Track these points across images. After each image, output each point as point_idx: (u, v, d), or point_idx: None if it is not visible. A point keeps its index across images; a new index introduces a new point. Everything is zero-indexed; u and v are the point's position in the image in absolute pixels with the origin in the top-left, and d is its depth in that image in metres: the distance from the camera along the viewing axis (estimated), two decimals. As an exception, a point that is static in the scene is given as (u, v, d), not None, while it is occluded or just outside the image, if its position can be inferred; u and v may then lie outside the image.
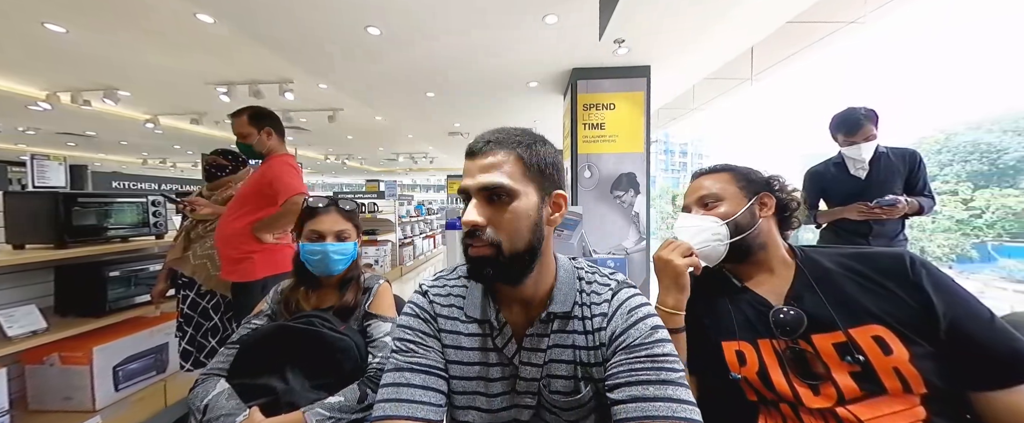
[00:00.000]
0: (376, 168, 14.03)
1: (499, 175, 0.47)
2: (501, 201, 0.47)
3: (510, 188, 0.47)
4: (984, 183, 5.54)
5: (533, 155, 0.49)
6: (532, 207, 0.48)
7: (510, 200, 0.47)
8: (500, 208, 0.47)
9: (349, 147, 9.17)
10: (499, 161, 0.48)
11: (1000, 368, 0.48)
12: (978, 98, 7.18)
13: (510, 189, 0.47)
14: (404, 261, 5.29)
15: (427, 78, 3.44)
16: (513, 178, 0.47)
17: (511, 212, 0.47)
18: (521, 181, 0.48)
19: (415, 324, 0.55)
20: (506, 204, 0.47)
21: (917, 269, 0.54)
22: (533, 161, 0.48)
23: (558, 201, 0.52)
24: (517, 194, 0.47)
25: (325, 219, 0.90)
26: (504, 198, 0.47)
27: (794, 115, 17.95)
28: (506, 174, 0.47)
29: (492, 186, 0.47)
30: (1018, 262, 4.88)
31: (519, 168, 0.48)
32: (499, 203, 0.47)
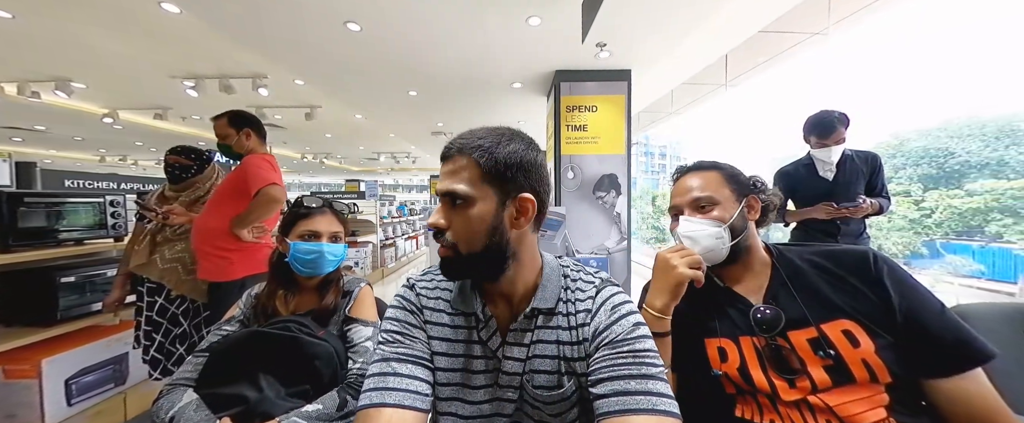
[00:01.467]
0: (356, 167, 13.67)
1: (456, 181, 0.49)
2: (458, 206, 0.49)
3: (465, 194, 0.48)
4: (933, 185, 5.99)
5: (492, 159, 0.48)
6: (488, 212, 0.49)
7: (466, 205, 0.48)
8: (458, 212, 0.49)
9: (327, 146, 8.91)
10: (458, 167, 0.49)
11: (948, 356, 0.53)
12: (928, 106, 7.87)
13: (465, 194, 0.48)
14: (386, 263, 5.18)
15: (409, 76, 3.38)
16: (470, 183, 0.48)
17: (465, 217, 0.49)
18: (477, 186, 0.48)
19: (401, 316, 0.56)
20: (462, 209, 0.49)
21: (879, 266, 0.58)
22: (491, 166, 0.48)
23: (523, 204, 0.50)
24: (472, 200, 0.48)
25: (321, 220, 0.90)
26: (460, 203, 0.49)
27: (765, 120, 19.04)
28: (463, 180, 0.48)
29: (449, 191, 0.49)
30: (962, 258, 5.31)
31: (476, 173, 0.48)
32: (457, 207, 0.49)
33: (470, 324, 0.55)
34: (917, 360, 0.53)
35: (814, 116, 1.65)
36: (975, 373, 0.52)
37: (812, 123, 1.65)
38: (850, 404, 0.53)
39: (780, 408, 0.56)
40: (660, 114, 5.78)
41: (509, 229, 0.50)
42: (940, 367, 0.53)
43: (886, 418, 0.51)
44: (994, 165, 5.70)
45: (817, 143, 1.64)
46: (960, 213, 5.59)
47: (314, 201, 0.92)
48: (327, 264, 0.88)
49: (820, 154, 1.64)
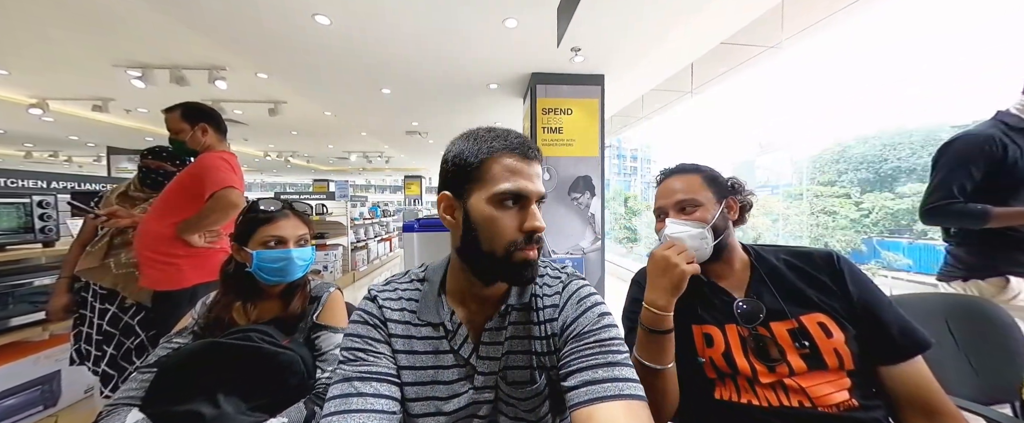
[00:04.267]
0: (325, 167, 13.08)
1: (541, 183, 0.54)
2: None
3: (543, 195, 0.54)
4: (871, 188, 6.61)
5: None
6: None
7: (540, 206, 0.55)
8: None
9: (293, 143, 8.46)
10: (539, 170, 0.54)
11: (897, 345, 0.60)
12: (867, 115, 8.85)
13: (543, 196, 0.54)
14: (357, 266, 4.99)
15: (382, 74, 3.29)
16: None
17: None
18: None
19: (363, 331, 0.53)
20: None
21: (842, 264, 0.65)
22: None
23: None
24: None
25: (285, 224, 0.84)
26: (543, 204, 0.53)
27: (726, 126, 20.36)
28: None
29: (542, 196, 0.52)
30: (895, 254, 5.91)
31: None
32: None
33: (438, 334, 0.53)
34: (872, 349, 0.60)
35: None
36: (917, 359, 0.59)
37: None
38: (820, 386, 0.59)
39: (757, 390, 0.61)
40: (631, 118, 5.99)
41: None
42: (891, 354, 0.59)
43: (849, 398, 0.58)
44: (920, 170, 6.36)
45: None
46: (892, 213, 6.22)
47: (272, 203, 0.86)
48: (296, 270, 0.84)
49: None
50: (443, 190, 0.52)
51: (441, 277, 0.58)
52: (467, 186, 0.49)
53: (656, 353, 0.62)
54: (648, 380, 0.61)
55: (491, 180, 0.48)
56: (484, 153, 0.49)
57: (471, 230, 0.49)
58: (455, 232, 0.52)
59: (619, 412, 0.42)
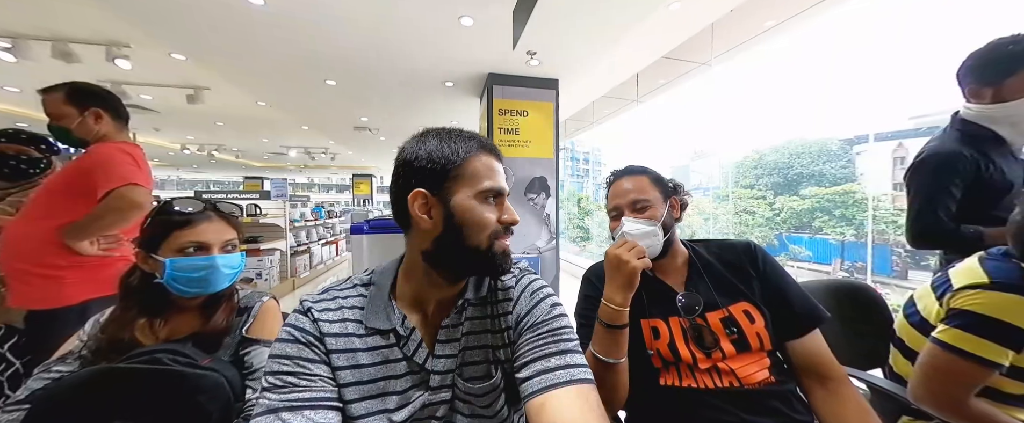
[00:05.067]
0: (258, 163, 11.77)
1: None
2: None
3: None
4: (781, 191, 7.66)
5: None
6: None
7: None
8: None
9: (219, 136, 7.48)
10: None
11: (801, 320, 0.70)
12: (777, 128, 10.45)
13: None
14: (298, 272, 4.57)
15: (327, 64, 3.05)
16: None
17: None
18: None
19: (293, 351, 0.47)
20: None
21: (756, 251, 0.76)
22: None
23: None
24: None
25: (206, 228, 0.73)
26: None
27: (667, 133, 22.70)
28: None
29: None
30: (798, 247, 6.92)
31: None
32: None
33: (388, 342, 0.50)
34: (780, 325, 0.69)
35: (1014, 38, 0.90)
36: (816, 332, 0.69)
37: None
38: (745, 367, 0.67)
39: (696, 374, 0.68)
40: (584, 123, 6.27)
41: None
42: (795, 329, 0.69)
43: (768, 376, 0.67)
44: (817, 176, 7.52)
45: None
46: (797, 213, 7.26)
47: (191, 204, 0.75)
48: (221, 279, 0.74)
49: None
50: (414, 188, 0.49)
51: (391, 281, 0.55)
52: (448, 184, 0.49)
53: (612, 347, 0.66)
54: (602, 374, 0.64)
55: (475, 178, 0.50)
56: (465, 152, 0.50)
57: (455, 227, 0.49)
58: (429, 232, 0.50)
59: (569, 397, 0.44)
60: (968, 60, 0.98)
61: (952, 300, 0.70)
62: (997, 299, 0.65)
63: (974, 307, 0.66)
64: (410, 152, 0.50)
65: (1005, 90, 0.92)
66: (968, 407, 0.66)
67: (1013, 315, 0.63)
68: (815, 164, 7.49)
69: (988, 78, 0.95)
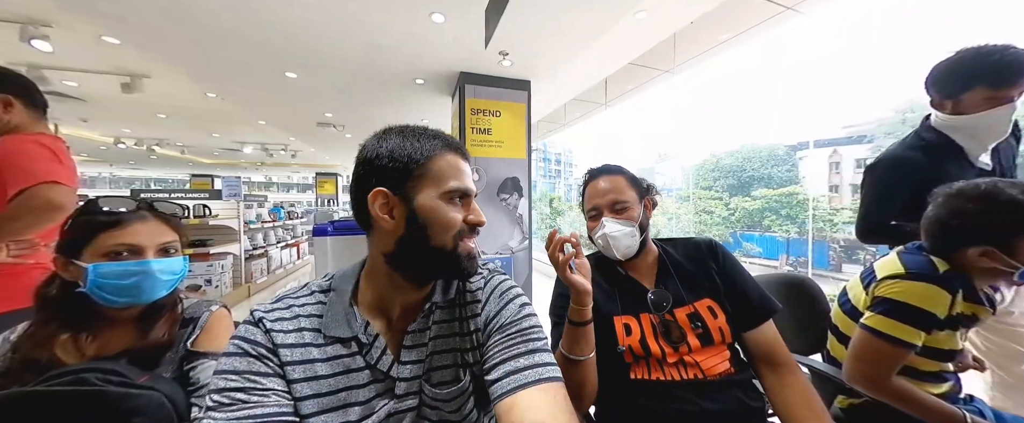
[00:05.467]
0: (207, 159, 10.82)
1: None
2: None
3: None
4: (735, 193, 8.25)
5: None
6: None
7: None
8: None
9: (161, 129, 6.80)
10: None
11: (756, 311, 0.74)
12: (732, 133, 11.31)
13: None
14: (254, 278, 4.25)
15: (287, 55, 2.86)
16: None
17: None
18: None
19: (243, 365, 0.44)
20: None
21: (719, 250, 0.80)
22: None
23: None
24: None
25: (139, 228, 0.65)
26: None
27: (634, 136, 23.89)
28: None
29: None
30: (751, 244, 7.51)
31: None
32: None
33: (349, 350, 0.48)
34: (739, 319, 0.74)
35: (976, 52, 0.92)
36: (769, 322, 0.75)
37: (982, 62, 0.91)
38: (708, 360, 0.72)
39: (664, 368, 0.71)
40: (555, 125, 6.38)
41: None
42: (752, 320, 0.74)
43: (729, 367, 0.72)
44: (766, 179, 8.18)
45: (985, 99, 0.92)
46: (749, 212, 7.86)
47: (121, 203, 0.67)
48: (158, 287, 0.66)
49: (986, 121, 0.94)
50: (374, 187, 0.47)
51: (353, 285, 0.52)
52: (411, 183, 0.47)
53: (575, 344, 0.67)
54: (570, 370, 0.65)
55: (441, 177, 0.48)
56: (428, 151, 0.48)
57: (418, 227, 0.47)
58: (391, 233, 0.48)
59: (537, 396, 0.44)
60: (933, 71, 1.01)
61: (876, 289, 0.79)
62: (911, 287, 0.73)
63: (893, 295, 0.75)
64: (371, 150, 0.48)
65: (962, 104, 0.97)
66: (890, 384, 0.75)
67: (924, 301, 0.72)
68: (765, 168, 8.15)
69: (948, 91, 0.99)
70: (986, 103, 0.93)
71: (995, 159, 1.03)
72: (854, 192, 6.92)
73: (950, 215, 0.74)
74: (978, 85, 0.94)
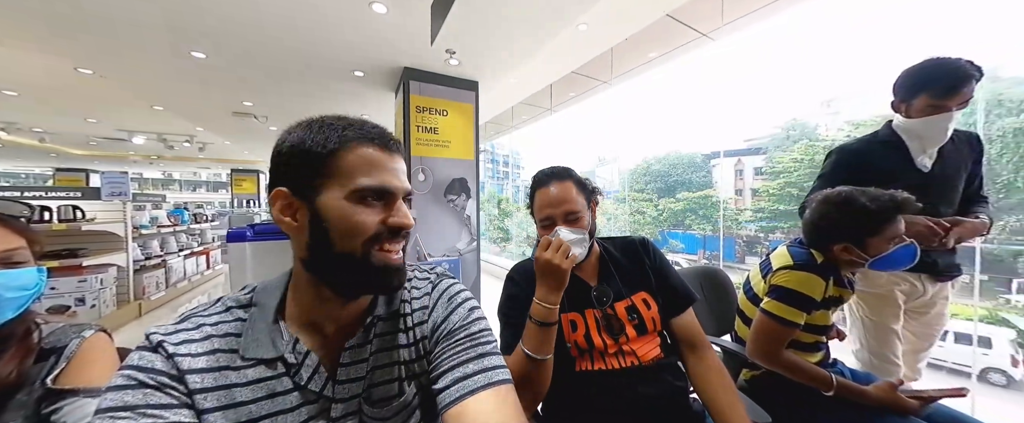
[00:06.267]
0: (79, 150, 8.78)
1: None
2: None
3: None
4: (663, 195, 9.20)
5: None
6: None
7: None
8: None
9: (10, 111, 5.34)
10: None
11: (679, 300, 0.83)
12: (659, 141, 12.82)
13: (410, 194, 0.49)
14: (147, 293, 3.56)
15: (194, 31, 2.46)
16: None
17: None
18: None
19: (136, 399, 0.37)
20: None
21: (650, 247, 0.88)
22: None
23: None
24: None
25: None
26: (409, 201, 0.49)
27: (577, 141, 25.31)
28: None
29: (409, 192, 0.48)
30: (676, 241, 8.46)
31: None
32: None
33: (275, 372, 0.43)
34: (667, 307, 0.82)
35: (930, 63, 1.02)
36: (689, 310, 0.83)
37: (929, 72, 1.02)
38: (642, 347, 0.78)
39: (606, 358, 0.76)
40: (503, 127, 6.46)
41: None
42: (675, 309, 0.82)
43: (659, 353, 0.79)
44: (687, 183, 9.26)
45: (927, 106, 1.03)
46: (674, 213, 8.83)
47: None
48: (1, 308, 0.52)
49: (926, 126, 1.04)
50: (277, 186, 0.43)
51: (279, 299, 0.46)
52: (315, 182, 0.42)
53: (543, 344, 0.69)
54: (531, 371, 0.67)
55: (348, 174, 0.42)
56: (335, 142, 0.42)
57: (321, 232, 0.42)
58: (298, 238, 0.44)
59: (488, 401, 0.43)
60: (899, 76, 1.10)
61: (772, 278, 0.94)
62: (797, 276, 0.90)
63: (784, 283, 0.91)
64: (279, 143, 0.44)
65: (912, 109, 1.07)
66: (782, 357, 0.90)
67: (807, 287, 0.88)
68: (686, 173, 9.24)
69: (901, 95, 1.10)
70: (929, 110, 1.03)
71: (939, 163, 1.10)
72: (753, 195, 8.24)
73: (819, 218, 0.92)
74: (923, 93, 1.04)
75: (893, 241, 0.86)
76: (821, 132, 6.88)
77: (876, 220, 0.85)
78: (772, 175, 7.27)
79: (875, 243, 0.86)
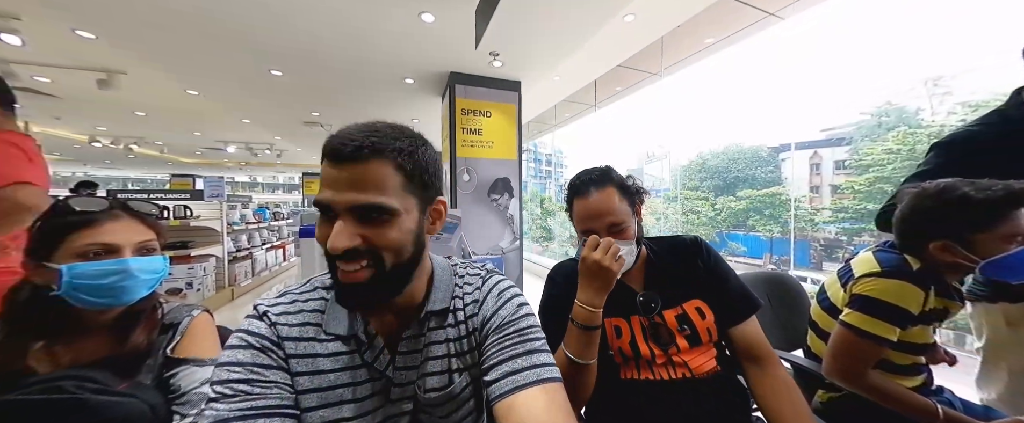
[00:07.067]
0: (188, 159, 10.49)
1: (377, 193, 0.40)
2: (380, 219, 0.41)
3: (391, 207, 0.41)
4: (721, 193, 8.44)
5: (416, 163, 0.43)
6: (414, 222, 0.44)
7: (391, 219, 0.42)
8: (379, 227, 0.41)
9: (139, 127, 6.55)
10: (377, 174, 0.40)
11: (739, 307, 0.75)
12: (717, 135, 11.53)
13: (391, 208, 0.41)
14: (238, 280, 4.14)
15: (273, 53, 2.81)
16: (394, 194, 0.42)
17: (396, 232, 0.42)
18: (402, 196, 0.42)
19: (247, 357, 0.44)
20: (386, 223, 0.41)
21: (704, 247, 0.80)
22: (416, 170, 0.43)
23: (438, 208, 0.49)
24: (398, 212, 0.42)
25: (114, 227, 0.63)
26: (385, 217, 0.41)
27: (623, 137, 24.02)
28: (387, 190, 0.41)
29: (369, 206, 0.40)
30: (736, 243, 7.70)
31: (400, 180, 0.42)
32: (377, 221, 0.41)
33: (351, 348, 0.48)
34: (722, 314, 0.75)
35: None
36: (752, 318, 0.75)
37: None
38: (696, 359, 0.72)
39: (654, 368, 0.72)
40: (545, 125, 6.42)
41: (425, 236, 0.48)
42: (735, 316, 0.75)
43: (715, 366, 0.73)
44: (750, 180, 8.38)
45: None
46: (734, 212, 8.04)
47: (93, 203, 0.64)
48: (138, 287, 0.64)
49: None
50: None
51: None
52: None
53: (586, 348, 0.66)
54: (573, 375, 0.65)
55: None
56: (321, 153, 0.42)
57: None
58: None
59: (538, 397, 0.44)
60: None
61: (853, 287, 0.82)
62: (886, 284, 0.76)
63: (869, 292, 0.78)
64: None
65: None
66: (867, 378, 0.78)
67: (899, 297, 0.75)
68: (749, 169, 8.37)
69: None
70: None
71: None
72: (833, 193, 7.18)
73: (911, 212, 0.78)
74: None
75: (1015, 240, 0.69)
76: (925, 117, 5.75)
77: (983, 211, 0.69)
78: (858, 169, 6.26)
79: (985, 241, 0.70)
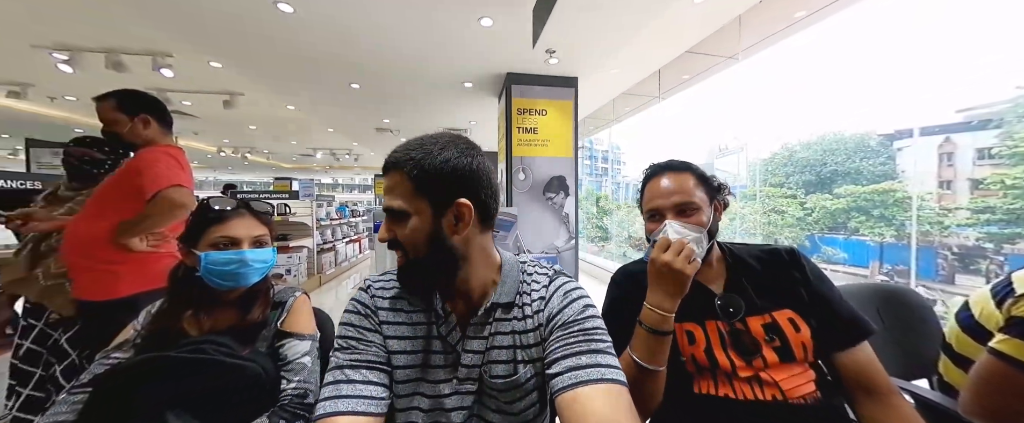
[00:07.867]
0: (287, 164, 12.33)
1: (393, 198, 0.51)
2: (400, 220, 0.51)
3: (401, 210, 0.51)
4: (813, 190, 7.25)
5: (424, 170, 0.49)
6: (426, 222, 0.51)
7: (405, 219, 0.51)
8: (400, 226, 0.52)
9: (251, 139, 7.90)
10: (393, 183, 0.51)
11: (847, 332, 0.64)
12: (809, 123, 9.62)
13: (401, 210, 0.51)
14: (324, 269, 4.75)
15: (350, 68, 3.15)
16: (404, 198, 0.50)
17: (408, 229, 0.51)
18: (412, 200, 0.50)
19: (355, 320, 0.57)
20: (403, 222, 0.51)
21: (804, 260, 0.70)
22: (424, 177, 0.50)
23: (460, 210, 0.50)
24: (409, 214, 0.51)
25: (238, 224, 0.78)
26: (401, 218, 0.51)
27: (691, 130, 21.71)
28: (398, 196, 0.51)
29: (389, 208, 0.52)
30: (833, 249, 6.52)
31: (408, 188, 0.50)
32: (399, 221, 0.52)
33: (430, 320, 0.57)
34: (826, 337, 0.64)
35: None
36: (863, 344, 0.64)
37: None
38: (790, 379, 0.62)
39: (735, 383, 0.63)
40: (602, 121, 6.18)
41: (450, 235, 0.51)
42: (842, 341, 0.64)
43: (814, 390, 0.62)
44: (853, 174, 7.05)
45: None
46: (830, 212, 6.83)
47: (226, 202, 0.80)
48: (252, 273, 0.78)
49: None
50: None
51: None
52: None
53: (656, 354, 0.61)
54: (641, 381, 0.61)
55: None
56: None
57: None
58: None
59: (600, 394, 0.44)
60: None
61: (1014, 307, 0.64)
62: None
63: None
64: None
65: None
66: None
67: None
68: (851, 161, 7.04)
69: None
70: None
71: None
72: (974, 188, 5.69)
73: None
74: None
75: None
76: None
77: None
78: (1013, 159, 4.84)
79: None
